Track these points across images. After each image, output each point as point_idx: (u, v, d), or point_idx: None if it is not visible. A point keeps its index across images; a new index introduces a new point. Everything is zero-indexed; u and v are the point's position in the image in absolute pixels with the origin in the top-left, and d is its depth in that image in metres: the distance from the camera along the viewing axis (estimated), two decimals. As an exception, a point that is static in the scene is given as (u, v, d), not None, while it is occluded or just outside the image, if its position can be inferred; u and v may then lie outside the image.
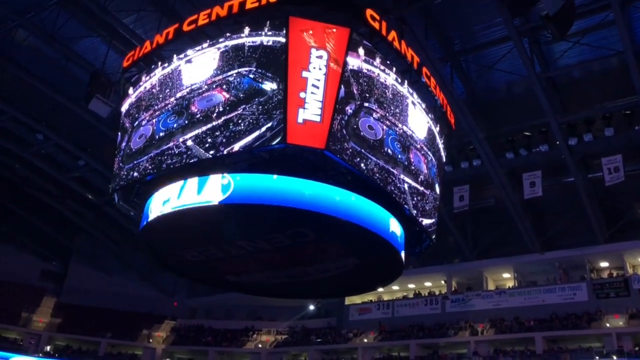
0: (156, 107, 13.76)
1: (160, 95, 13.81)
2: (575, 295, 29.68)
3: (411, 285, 36.93)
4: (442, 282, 35.72)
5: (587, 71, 23.33)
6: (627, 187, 26.71)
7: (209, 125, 12.13)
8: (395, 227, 13.32)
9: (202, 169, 12.34)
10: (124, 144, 14.53)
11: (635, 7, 20.16)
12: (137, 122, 14.22)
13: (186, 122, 12.68)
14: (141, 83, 14.61)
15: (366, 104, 12.32)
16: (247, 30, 12.48)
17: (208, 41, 13.23)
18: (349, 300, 37.03)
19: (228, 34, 12.88)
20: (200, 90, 12.85)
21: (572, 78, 23.94)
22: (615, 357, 25.75)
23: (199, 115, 12.52)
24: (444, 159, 16.69)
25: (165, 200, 12.62)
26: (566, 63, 22.93)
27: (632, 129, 23.61)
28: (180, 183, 12.43)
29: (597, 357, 26.25)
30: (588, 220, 28.52)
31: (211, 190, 11.76)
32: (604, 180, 24.94)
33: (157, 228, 13.18)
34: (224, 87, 12.37)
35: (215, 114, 12.18)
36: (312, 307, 40.16)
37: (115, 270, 42.98)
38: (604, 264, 31.00)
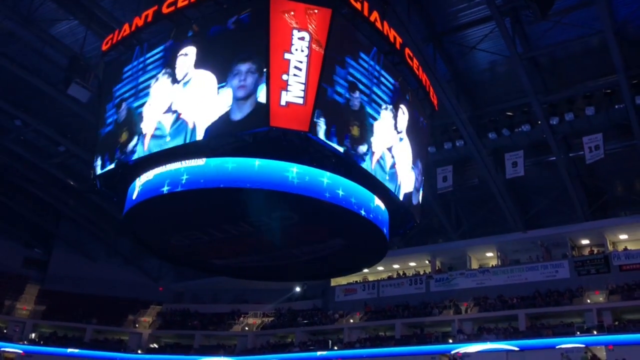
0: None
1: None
2: (557, 273, 30.19)
3: (396, 266, 37.24)
4: (427, 262, 36.05)
5: (568, 51, 23.40)
6: (608, 165, 27.14)
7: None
8: (379, 208, 13.38)
9: (186, 153, 12.24)
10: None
11: (615, -14, 20.23)
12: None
13: (168, 106, 12.55)
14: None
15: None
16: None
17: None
18: (335, 281, 37.28)
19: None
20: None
21: (553, 58, 24.01)
22: (595, 332, 26.31)
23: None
24: (428, 140, 16.74)
25: (147, 185, 12.52)
26: (548, 43, 22.96)
27: (612, 108, 23.88)
28: (163, 168, 12.33)
29: (578, 333, 26.80)
30: (569, 198, 28.92)
31: (195, 174, 11.69)
32: (585, 159, 25.26)
33: (140, 213, 13.10)
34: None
35: (197, 98, 12.06)
36: (298, 289, 40.38)
37: (99, 256, 42.74)
38: (585, 242, 31.50)
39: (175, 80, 12.66)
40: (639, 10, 20.93)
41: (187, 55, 12.55)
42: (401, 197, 14.04)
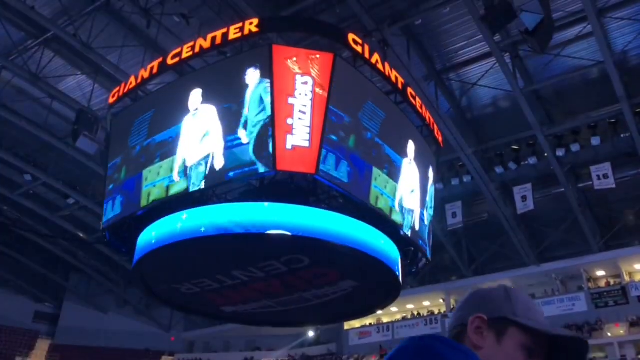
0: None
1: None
2: (574, 306, 29.61)
3: (410, 306, 36.68)
4: (441, 300, 35.50)
5: (570, 82, 23.59)
6: (618, 194, 26.96)
7: (198, 157, 12.10)
8: (390, 247, 13.26)
9: (193, 200, 12.28)
10: (112, 180, 14.45)
11: (610, 18, 20.54)
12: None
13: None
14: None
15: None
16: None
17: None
18: (348, 325, 36.67)
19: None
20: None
21: (555, 90, 24.19)
22: (619, 367, 25.62)
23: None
24: (435, 177, 16.72)
25: (156, 234, 12.51)
26: (548, 75, 23.19)
27: (618, 137, 23.86)
28: (171, 216, 12.33)
29: (600, 368, 26.10)
30: (581, 229, 28.61)
31: (205, 222, 11.66)
32: (594, 189, 25.13)
33: (150, 263, 13.04)
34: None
35: (203, 145, 12.15)
36: (311, 334, 39.71)
37: (110, 308, 42.43)
38: (601, 273, 30.98)
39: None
40: (637, 39, 21.19)
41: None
42: (412, 236, 13.94)
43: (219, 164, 11.53)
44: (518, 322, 1.59)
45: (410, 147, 14.26)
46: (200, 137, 12.04)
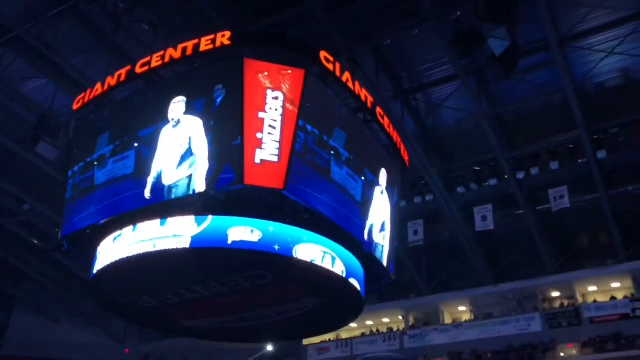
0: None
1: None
2: (529, 326, 30.14)
3: (369, 322, 36.72)
4: (400, 317, 35.67)
5: (532, 108, 24.26)
6: (574, 218, 27.74)
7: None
8: (356, 265, 13.27)
9: (156, 212, 12.03)
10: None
11: (572, 48, 21.29)
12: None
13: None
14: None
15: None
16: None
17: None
18: (307, 340, 36.41)
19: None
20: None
21: (517, 114, 24.83)
22: (570, 387, 26.16)
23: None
24: (398, 196, 16.87)
25: (117, 246, 12.20)
26: (511, 100, 23.81)
27: (575, 162, 24.64)
28: (132, 228, 12.06)
29: (553, 387, 26.59)
30: (538, 251, 29.27)
31: (170, 235, 11.44)
32: (551, 212, 25.79)
33: (109, 275, 12.69)
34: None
35: (170, 156, 11.94)
36: (269, 348, 39.23)
37: (62, 318, 41.01)
38: (555, 294, 31.70)
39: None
40: (595, 69, 21.99)
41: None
42: (377, 255, 13.99)
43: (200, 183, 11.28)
44: None
45: (383, 175, 14.34)
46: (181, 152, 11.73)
